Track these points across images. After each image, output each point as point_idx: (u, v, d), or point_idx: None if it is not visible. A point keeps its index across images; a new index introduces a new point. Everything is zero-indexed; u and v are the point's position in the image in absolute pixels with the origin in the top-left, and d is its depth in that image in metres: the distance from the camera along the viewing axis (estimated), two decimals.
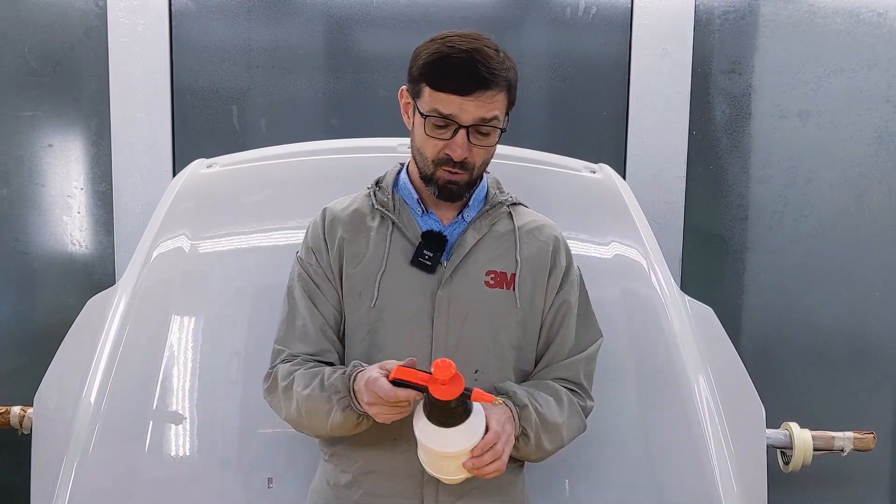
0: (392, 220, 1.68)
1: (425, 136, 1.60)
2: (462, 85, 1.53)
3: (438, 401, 1.39)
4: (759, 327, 3.20)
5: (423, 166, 1.64)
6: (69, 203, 3.12)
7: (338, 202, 1.77)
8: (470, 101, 1.54)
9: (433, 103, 1.56)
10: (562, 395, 1.66)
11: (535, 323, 1.70)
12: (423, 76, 1.58)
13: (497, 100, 1.57)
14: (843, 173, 3.15)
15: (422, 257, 1.64)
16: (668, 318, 2.06)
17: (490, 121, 1.57)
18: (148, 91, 3.03)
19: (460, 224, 1.70)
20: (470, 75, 1.53)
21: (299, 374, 1.62)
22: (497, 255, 1.68)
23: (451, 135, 1.57)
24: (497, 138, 1.62)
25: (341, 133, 3.06)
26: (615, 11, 3.09)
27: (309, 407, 1.58)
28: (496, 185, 1.78)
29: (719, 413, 1.99)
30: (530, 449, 1.61)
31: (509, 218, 1.73)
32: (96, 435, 1.89)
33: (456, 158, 1.58)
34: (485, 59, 1.53)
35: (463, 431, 1.44)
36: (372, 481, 1.65)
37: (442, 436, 1.44)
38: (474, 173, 1.64)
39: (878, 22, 3.09)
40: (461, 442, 1.45)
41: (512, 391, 1.60)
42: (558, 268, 1.72)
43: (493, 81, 1.54)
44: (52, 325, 2.95)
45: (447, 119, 1.56)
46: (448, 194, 1.64)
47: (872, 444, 2.45)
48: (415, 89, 1.61)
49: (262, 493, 1.90)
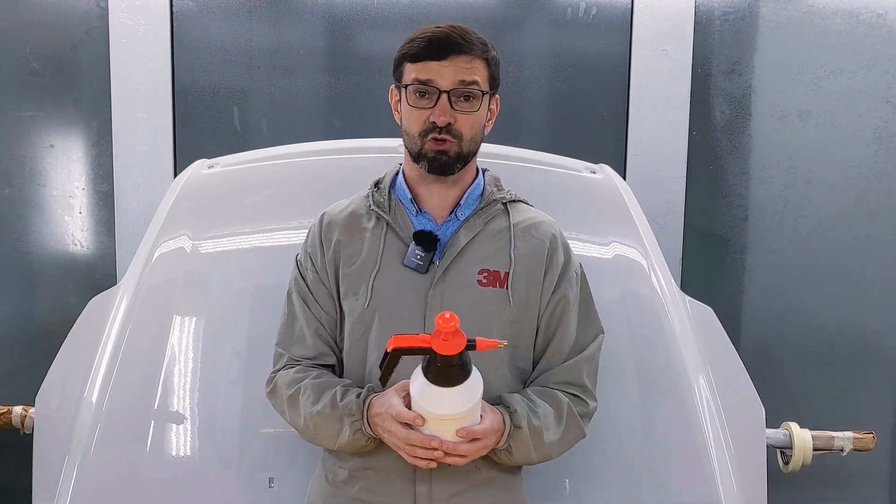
0: (387, 221, 1.69)
1: (410, 109, 1.63)
2: (437, 50, 1.61)
3: (441, 357, 1.38)
4: (758, 327, 3.20)
5: (412, 145, 1.66)
6: (71, 203, 3.12)
7: (336, 205, 1.78)
8: (446, 66, 1.60)
9: (413, 73, 1.62)
10: (563, 409, 1.66)
11: (530, 321, 1.69)
12: (402, 56, 1.65)
13: (475, 66, 1.63)
14: (843, 174, 3.15)
15: (414, 257, 1.65)
16: (668, 318, 2.06)
17: (470, 84, 1.61)
18: (149, 91, 3.03)
19: (453, 223, 1.70)
20: (445, 41, 1.61)
21: (306, 384, 1.63)
22: (491, 254, 1.68)
23: (434, 102, 1.61)
24: (480, 105, 1.64)
25: (342, 133, 3.07)
26: (615, 12, 3.09)
27: (318, 423, 1.61)
28: (494, 182, 1.78)
29: (719, 413, 1.99)
30: (511, 460, 1.62)
31: (505, 215, 1.73)
32: (98, 435, 1.89)
33: (440, 123, 1.60)
34: (459, 30, 1.63)
35: (461, 392, 1.43)
36: (368, 478, 1.66)
37: (440, 397, 1.44)
38: (464, 145, 1.65)
39: (877, 23, 3.09)
40: (459, 404, 1.45)
41: (513, 409, 1.60)
42: (555, 265, 1.71)
43: (467, 46, 1.62)
44: (54, 325, 2.96)
45: (428, 85, 1.60)
46: (439, 166, 1.64)
47: (872, 444, 2.45)
48: (398, 74, 1.67)
49: (263, 493, 1.90)
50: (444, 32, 1.62)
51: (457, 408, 1.46)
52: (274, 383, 1.70)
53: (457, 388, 1.43)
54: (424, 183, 1.70)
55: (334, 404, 1.59)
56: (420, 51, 1.61)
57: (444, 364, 1.40)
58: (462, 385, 1.43)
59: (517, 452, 1.60)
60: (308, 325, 1.70)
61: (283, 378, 1.68)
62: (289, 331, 1.72)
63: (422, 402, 1.47)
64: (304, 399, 1.62)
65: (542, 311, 1.70)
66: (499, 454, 1.60)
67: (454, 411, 1.46)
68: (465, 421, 1.50)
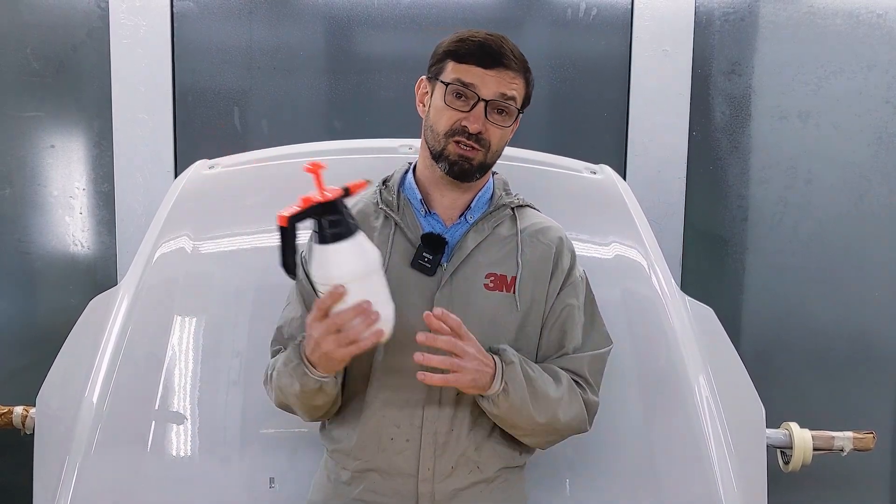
0: (395, 221, 1.68)
1: (443, 106, 1.61)
2: (486, 58, 1.60)
3: (324, 207, 1.39)
4: (759, 327, 3.20)
5: (435, 142, 1.64)
6: (71, 204, 3.13)
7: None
8: (492, 76, 1.60)
9: (456, 73, 1.61)
10: (560, 376, 1.63)
11: (535, 326, 1.69)
12: (448, 52, 1.63)
13: (517, 82, 1.63)
14: (843, 174, 3.15)
15: (421, 259, 1.64)
16: (668, 318, 2.06)
17: (509, 99, 1.62)
18: (150, 92, 3.03)
19: (462, 226, 1.70)
20: (495, 51, 1.60)
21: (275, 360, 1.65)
22: (498, 258, 1.68)
23: (470, 108, 1.60)
24: (513, 121, 1.65)
25: (343, 134, 3.07)
26: (615, 12, 3.09)
27: (281, 387, 1.60)
28: (503, 186, 1.78)
29: (719, 413, 1.99)
30: (510, 405, 1.55)
31: (513, 220, 1.73)
32: (98, 435, 1.89)
33: (472, 130, 1.59)
34: (509, 44, 1.63)
35: (355, 247, 1.42)
36: (371, 479, 1.66)
37: (337, 255, 1.41)
38: (489, 155, 1.64)
39: (877, 23, 3.09)
40: (349, 261, 1.42)
41: (503, 349, 1.58)
42: (560, 270, 1.71)
43: (515, 62, 1.62)
44: (55, 326, 2.96)
45: (468, 89, 1.59)
46: (459, 171, 1.63)
47: (872, 444, 2.45)
48: (437, 68, 1.65)
49: (265, 493, 1.90)
50: (497, 42, 1.61)
51: (350, 264, 1.41)
52: (267, 373, 1.69)
53: (348, 240, 1.40)
54: (437, 185, 1.69)
55: (282, 363, 1.59)
56: (470, 53, 1.60)
57: (328, 213, 1.39)
58: (353, 238, 1.41)
59: (514, 394, 1.54)
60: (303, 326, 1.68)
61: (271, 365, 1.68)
62: (284, 331, 1.70)
63: (321, 274, 1.43)
64: (274, 371, 1.63)
65: (547, 315, 1.70)
66: (496, 400, 1.55)
67: (354, 268, 1.41)
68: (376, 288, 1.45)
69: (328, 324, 1.44)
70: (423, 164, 1.71)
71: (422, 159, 1.72)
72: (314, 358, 1.50)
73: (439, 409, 1.63)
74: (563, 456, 1.90)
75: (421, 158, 1.72)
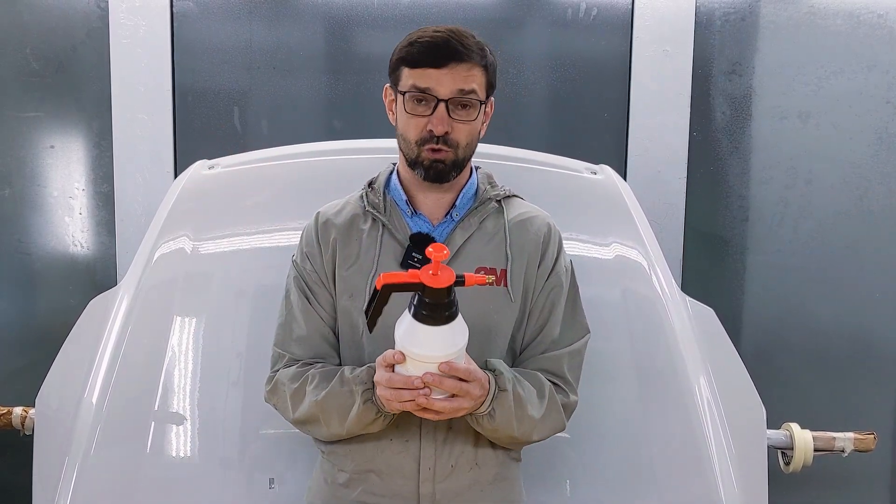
0: (383, 222, 1.69)
1: (406, 116, 1.61)
2: (437, 57, 1.58)
3: (429, 292, 1.37)
4: (759, 328, 3.20)
5: (408, 151, 1.65)
6: (71, 204, 3.12)
7: (330, 205, 1.77)
8: (445, 74, 1.58)
9: (411, 79, 1.60)
10: (545, 390, 1.64)
11: (524, 315, 1.70)
12: (400, 59, 1.62)
13: (473, 73, 1.60)
14: (844, 174, 3.15)
15: (410, 259, 1.65)
16: (668, 318, 2.06)
17: (468, 93, 1.60)
18: (149, 92, 3.03)
19: (449, 224, 1.70)
20: (444, 48, 1.58)
21: (313, 374, 1.62)
22: (487, 252, 1.68)
23: (432, 110, 1.59)
24: (478, 114, 1.63)
25: (342, 134, 3.07)
26: (616, 13, 3.09)
27: (327, 404, 1.58)
28: (487, 180, 1.78)
29: (720, 413, 1.99)
30: (493, 427, 1.58)
31: (499, 212, 1.73)
32: (98, 436, 1.89)
33: (437, 132, 1.59)
34: (458, 35, 1.60)
35: (446, 333, 1.42)
36: (369, 480, 1.65)
37: (424, 336, 1.41)
38: (459, 152, 1.63)
39: (878, 23, 3.09)
40: (442, 345, 1.43)
41: (499, 371, 1.58)
42: (548, 257, 1.72)
43: (466, 54, 1.58)
44: (54, 326, 2.96)
45: (425, 93, 1.58)
46: (435, 174, 1.64)
47: (873, 445, 2.45)
48: (394, 77, 1.65)
49: (264, 494, 1.90)
50: (443, 38, 1.59)
51: (441, 349, 1.43)
52: (274, 382, 1.68)
53: (442, 327, 1.41)
54: (419, 187, 1.70)
55: (343, 380, 1.58)
56: (419, 57, 1.59)
57: (432, 300, 1.38)
58: (448, 326, 1.41)
59: (500, 418, 1.56)
60: (308, 326, 1.69)
61: (284, 375, 1.66)
62: (288, 332, 1.70)
63: (405, 342, 1.44)
64: (311, 387, 1.60)
65: (534, 301, 1.70)
66: (480, 420, 1.56)
67: (438, 352, 1.43)
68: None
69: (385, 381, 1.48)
70: (402, 168, 1.72)
71: (401, 163, 1.73)
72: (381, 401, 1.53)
73: None
74: (562, 456, 1.90)
75: (400, 162, 1.73)
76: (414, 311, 1.41)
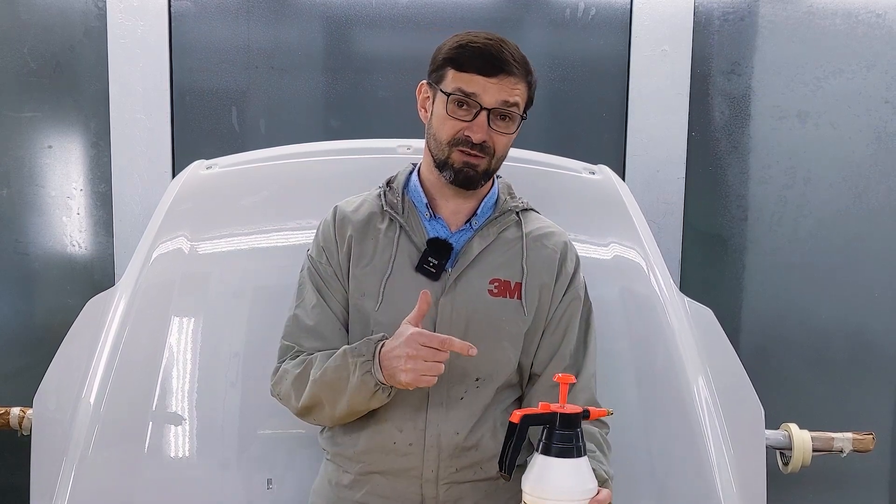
0: (400, 224, 1.67)
1: (445, 115, 1.60)
2: (487, 66, 1.57)
3: (563, 419, 1.34)
4: (758, 328, 3.20)
5: (438, 151, 1.63)
6: (69, 204, 3.12)
7: (349, 201, 1.76)
8: (493, 83, 1.57)
9: (457, 83, 1.58)
10: (605, 449, 1.67)
11: (539, 330, 1.70)
12: (448, 60, 1.60)
13: (519, 88, 1.60)
14: (842, 174, 3.15)
15: (426, 264, 1.64)
16: (667, 318, 2.06)
17: (511, 105, 1.59)
18: (147, 92, 3.03)
19: (467, 232, 1.69)
20: (496, 58, 1.57)
21: (316, 356, 1.61)
22: (503, 264, 1.68)
23: (473, 117, 1.58)
24: (516, 127, 1.63)
25: (340, 134, 3.06)
26: (614, 12, 3.09)
27: (326, 381, 1.56)
28: (507, 190, 1.77)
29: (718, 414, 1.99)
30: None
31: (518, 225, 1.72)
32: (96, 436, 1.89)
33: (476, 140, 1.58)
34: (510, 48, 1.60)
35: (580, 469, 1.36)
36: (374, 482, 1.65)
37: (560, 472, 1.35)
38: (493, 161, 1.63)
39: (876, 23, 3.09)
40: (578, 482, 1.36)
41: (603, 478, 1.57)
42: (564, 274, 1.72)
43: (517, 67, 1.59)
44: (52, 326, 2.96)
45: (470, 98, 1.57)
46: (464, 179, 1.62)
47: (871, 445, 2.45)
48: (438, 75, 1.62)
49: (262, 494, 1.90)
50: (497, 48, 1.58)
51: (579, 486, 1.36)
52: (279, 373, 1.66)
53: (578, 460, 1.36)
54: (442, 191, 1.69)
55: (343, 354, 1.55)
56: (469, 62, 1.57)
57: (567, 430, 1.35)
58: (582, 459, 1.36)
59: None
60: (321, 319, 1.66)
61: (288, 364, 1.64)
62: (299, 324, 1.67)
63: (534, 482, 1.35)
64: (314, 369, 1.58)
65: (550, 317, 1.70)
66: None
67: (570, 491, 1.35)
68: None
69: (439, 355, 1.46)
70: (427, 170, 1.71)
71: (426, 164, 1.71)
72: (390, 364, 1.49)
73: (442, 412, 1.63)
74: None
75: (425, 163, 1.71)
76: (545, 447, 1.36)
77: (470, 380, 1.63)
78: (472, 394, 1.64)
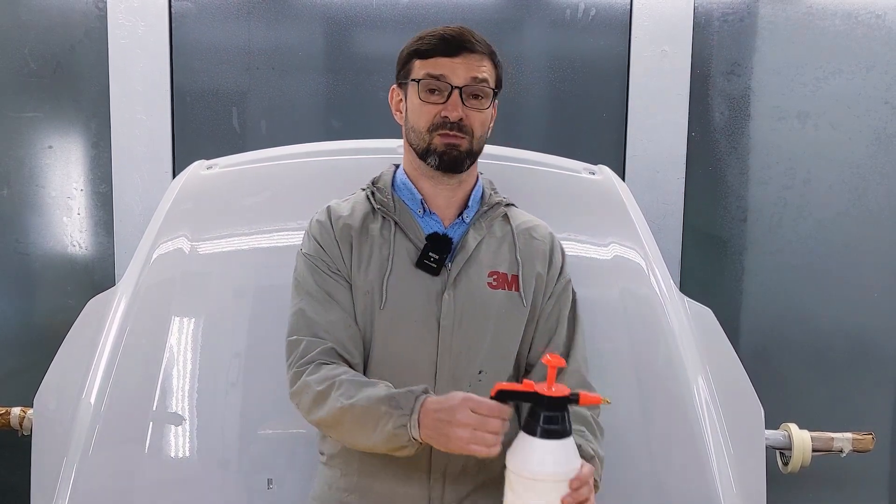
0: (394, 221, 1.68)
1: (420, 103, 1.63)
2: (450, 47, 1.62)
3: (547, 401, 1.33)
4: (758, 328, 3.20)
5: (419, 141, 1.64)
6: (69, 204, 3.12)
7: (340, 204, 1.75)
8: (459, 62, 1.61)
9: (424, 69, 1.63)
10: (595, 430, 1.68)
11: (534, 320, 1.71)
12: (412, 53, 1.66)
13: (485, 64, 1.65)
14: (842, 174, 3.15)
15: (427, 259, 1.64)
16: (667, 318, 2.06)
17: (481, 82, 1.62)
18: (148, 92, 3.03)
19: (461, 226, 1.70)
20: (456, 39, 1.63)
21: (341, 380, 1.55)
22: (498, 257, 1.69)
23: (446, 98, 1.61)
24: (490, 102, 1.66)
25: (341, 134, 3.07)
26: (614, 13, 3.09)
27: (356, 414, 1.51)
28: (490, 186, 1.79)
29: (718, 414, 1.99)
30: None
31: (505, 219, 1.74)
32: (96, 436, 1.89)
33: (453, 118, 1.60)
34: (468, 31, 1.65)
35: (564, 449, 1.36)
36: (376, 483, 1.65)
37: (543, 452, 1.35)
38: (474, 141, 1.64)
39: (876, 24, 3.09)
40: (562, 462, 1.36)
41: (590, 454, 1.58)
42: (555, 264, 1.74)
43: (478, 45, 1.64)
44: (53, 327, 2.95)
45: (440, 81, 1.61)
46: (449, 161, 1.63)
47: (871, 445, 2.45)
48: (405, 71, 1.67)
49: (262, 495, 1.90)
50: (456, 30, 1.64)
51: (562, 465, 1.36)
52: (300, 385, 1.60)
53: (561, 441, 1.36)
54: (430, 182, 1.69)
55: (379, 400, 1.50)
56: (432, 47, 1.62)
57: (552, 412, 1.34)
58: (565, 440, 1.36)
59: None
60: (329, 313, 1.63)
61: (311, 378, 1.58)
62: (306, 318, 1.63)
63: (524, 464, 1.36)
64: (338, 394, 1.53)
65: (543, 305, 1.72)
66: None
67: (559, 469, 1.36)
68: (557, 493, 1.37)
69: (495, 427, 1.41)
70: (410, 167, 1.71)
71: (407, 163, 1.72)
72: (434, 426, 1.44)
73: None
74: None
75: (406, 163, 1.72)
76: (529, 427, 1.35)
77: (473, 373, 1.64)
78: (474, 387, 1.63)
